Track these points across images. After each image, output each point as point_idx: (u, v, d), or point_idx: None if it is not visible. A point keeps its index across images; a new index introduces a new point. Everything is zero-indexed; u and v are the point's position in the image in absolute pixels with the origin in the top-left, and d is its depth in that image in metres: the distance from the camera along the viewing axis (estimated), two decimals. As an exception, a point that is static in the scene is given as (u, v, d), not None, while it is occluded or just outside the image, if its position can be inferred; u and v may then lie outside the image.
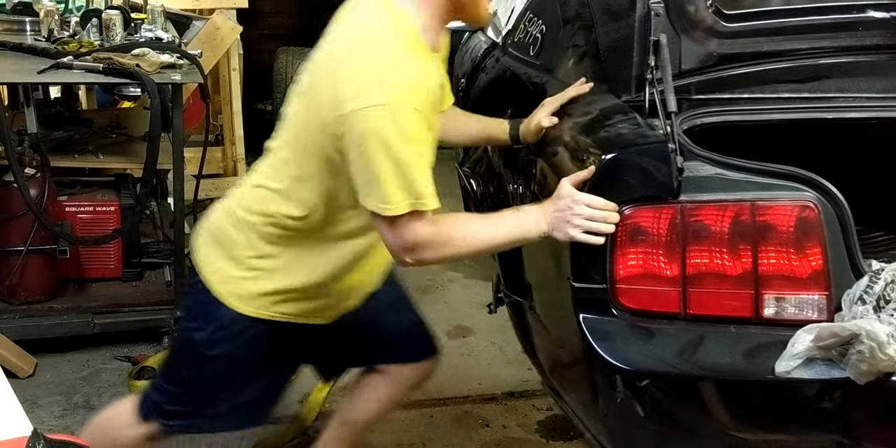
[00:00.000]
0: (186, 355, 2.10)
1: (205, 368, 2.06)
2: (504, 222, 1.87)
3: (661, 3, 1.94)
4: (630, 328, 1.81)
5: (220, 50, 4.56)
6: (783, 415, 1.82)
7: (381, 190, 1.72)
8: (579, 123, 2.05)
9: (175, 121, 3.22)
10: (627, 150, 1.82)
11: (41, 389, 3.14)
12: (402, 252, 1.81)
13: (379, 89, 1.70)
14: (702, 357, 1.79)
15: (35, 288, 3.35)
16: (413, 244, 1.79)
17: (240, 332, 2.01)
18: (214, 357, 2.03)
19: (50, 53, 3.24)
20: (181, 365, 2.13)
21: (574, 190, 1.80)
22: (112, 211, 3.48)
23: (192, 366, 2.08)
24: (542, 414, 3.10)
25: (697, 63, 2.08)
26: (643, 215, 1.78)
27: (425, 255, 1.82)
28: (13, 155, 3.05)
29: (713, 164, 1.80)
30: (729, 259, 1.77)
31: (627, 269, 1.80)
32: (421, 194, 1.74)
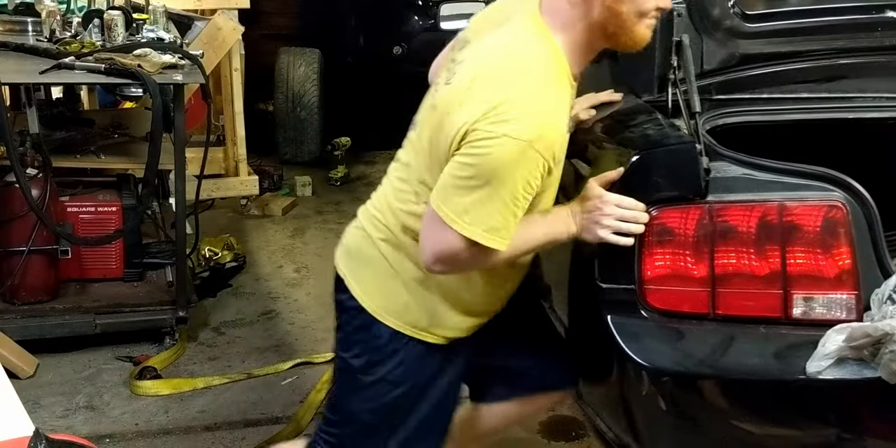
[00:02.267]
0: (347, 386, 1.99)
1: (367, 396, 1.95)
2: (534, 227, 1.79)
3: (682, 3, 1.93)
4: (659, 329, 1.81)
5: (222, 50, 4.55)
6: (814, 414, 1.81)
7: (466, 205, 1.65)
8: (603, 124, 2.03)
9: (177, 121, 3.21)
10: (655, 151, 1.81)
11: (43, 390, 3.12)
12: (434, 262, 1.75)
13: (527, 123, 1.60)
14: (733, 358, 1.79)
15: (37, 288, 3.33)
16: (451, 261, 1.73)
17: (397, 350, 1.91)
18: (375, 382, 1.93)
19: (52, 54, 3.22)
20: (345, 396, 2.00)
21: (603, 191, 1.78)
22: (114, 211, 3.46)
23: (355, 396, 1.97)
24: (543, 414, 3.09)
25: (719, 63, 2.08)
26: (671, 216, 1.78)
27: (454, 270, 1.78)
28: (15, 155, 3.02)
29: (740, 164, 1.79)
30: (757, 259, 1.77)
31: (655, 270, 1.79)
32: (495, 230, 1.67)
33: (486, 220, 1.66)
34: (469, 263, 1.76)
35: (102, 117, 4.10)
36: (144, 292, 3.50)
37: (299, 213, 5.03)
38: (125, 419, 3.00)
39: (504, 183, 1.63)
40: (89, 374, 3.26)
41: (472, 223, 1.66)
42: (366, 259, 1.93)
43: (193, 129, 4.63)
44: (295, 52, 5.71)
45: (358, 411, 1.98)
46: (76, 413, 3.02)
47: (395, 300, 1.90)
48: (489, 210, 1.65)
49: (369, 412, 1.97)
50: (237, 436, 2.90)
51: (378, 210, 1.91)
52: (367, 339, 1.92)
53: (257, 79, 5.53)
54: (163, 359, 3.31)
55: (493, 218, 1.66)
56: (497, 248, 1.69)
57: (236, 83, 4.79)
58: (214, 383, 3.20)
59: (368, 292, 1.92)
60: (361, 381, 1.94)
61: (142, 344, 3.43)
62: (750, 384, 1.79)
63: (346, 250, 1.98)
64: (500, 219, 1.66)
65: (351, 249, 1.97)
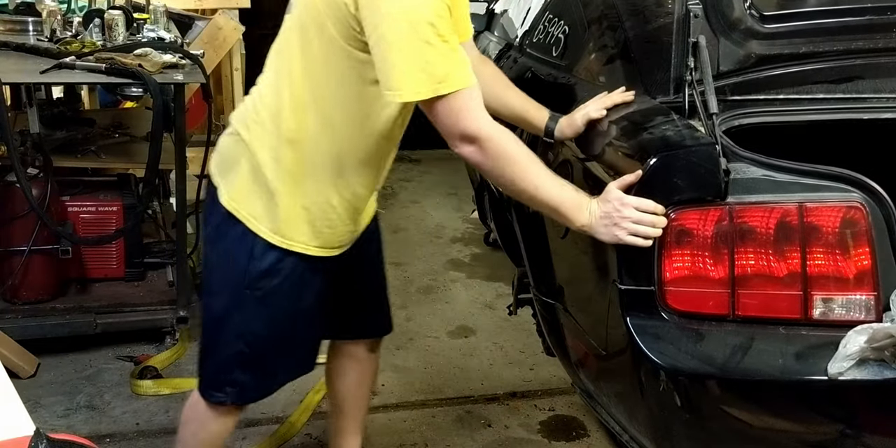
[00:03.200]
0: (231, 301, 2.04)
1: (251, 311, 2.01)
2: (563, 186, 1.82)
3: (699, 4, 1.92)
4: (679, 330, 1.80)
5: (223, 50, 4.55)
6: (835, 415, 1.80)
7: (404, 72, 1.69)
8: (619, 125, 2.02)
9: (177, 121, 3.20)
10: (675, 153, 1.80)
11: (43, 389, 3.11)
12: (458, 140, 1.76)
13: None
14: (754, 359, 1.78)
15: (37, 288, 3.32)
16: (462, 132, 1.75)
17: (276, 262, 1.97)
18: (260, 297, 1.99)
19: (52, 53, 3.21)
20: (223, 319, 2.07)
21: (622, 193, 1.77)
22: (114, 211, 3.45)
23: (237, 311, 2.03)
24: (544, 414, 3.10)
25: (735, 64, 2.07)
26: (691, 217, 1.77)
27: (479, 149, 1.77)
28: (16, 155, 3.01)
29: (758, 165, 1.79)
30: (777, 260, 1.77)
31: (675, 272, 1.79)
32: (458, 71, 1.71)
33: (435, 71, 1.69)
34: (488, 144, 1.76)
35: (103, 117, 4.09)
36: (145, 292, 3.49)
37: (300, 213, 5.01)
38: (126, 419, 2.99)
39: (425, 28, 1.66)
40: (90, 374, 3.25)
41: (439, 80, 1.69)
42: (234, 162, 1.97)
43: (194, 128, 4.63)
44: (296, 51, 5.71)
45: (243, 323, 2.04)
46: (77, 412, 3.02)
47: (259, 204, 1.94)
48: (430, 60, 1.68)
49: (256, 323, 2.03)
50: (237, 436, 2.90)
51: (247, 115, 1.97)
52: (239, 245, 1.97)
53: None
54: (163, 358, 3.30)
55: (443, 64, 1.69)
56: (462, 86, 1.71)
57: (237, 83, 4.79)
58: (215, 383, 3.20)
59: (236, 197, 1.96)
60: (249, 295, 2.00)
61: (142, 343, 3.42)
62: (771, 385, 1.78)
63: (220, 158, 2.03)
64: (445, 60, 1.70)
65: (225, 158, 2.01)
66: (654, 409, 1.86)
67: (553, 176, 1.82)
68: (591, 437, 2.95)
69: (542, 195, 1.80)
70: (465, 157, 1.79)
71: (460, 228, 4.86)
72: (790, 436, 1.84)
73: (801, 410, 1.81)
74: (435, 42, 1.68)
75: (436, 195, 5.25)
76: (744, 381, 1.78)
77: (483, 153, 1.77)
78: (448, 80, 1.70)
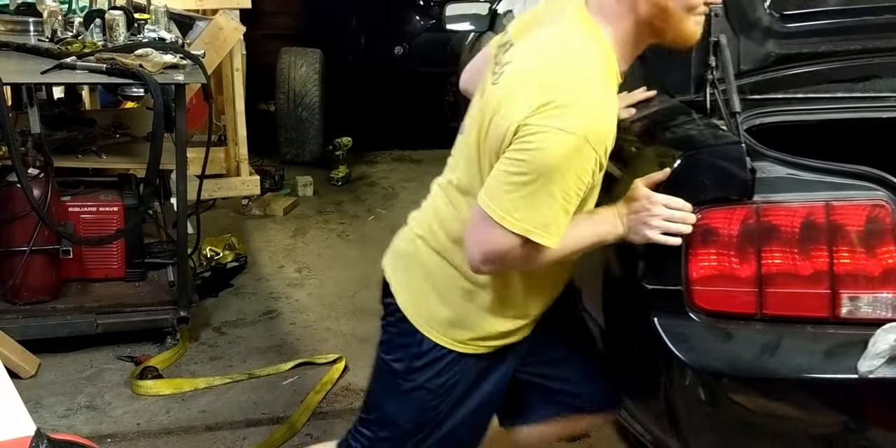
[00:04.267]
0: (386, 388, 1.98)
1: (406, 401, 1.94)
2: (581, 227, 1.75)
3: (720, 3, 1.93)
4: (707, 330, 1.80)
5: (224, 50, 4.55)
6: (866, 414, 1.80)
7: (516, 201, 1.62)
8: (641, 124, 2.01)
9: (178, 121, 3.20)
10: (702, 151, 1.80)
11: (44, 389, 3.11)
12: (483, 261, 1.72)
13: (580, 117, 1.59)
14: (783, 358, 1.78)
15: (38, 288, 3.31)
16: (500, 260, 1.71)
17: (438, 359, 1.90)
18: (415, 388, 1.92)
19: (53, 54, 3.21)
20: (381, 398, 2.00)
21: (650, 191, 1.76)
22: (115, 211, 3.45)
23: (393, 399, 1.96)
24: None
25: (755, 63, 2.07)
26: (718, 216, 1.77)
27: (502, 269, 1.76)
28: (17, 155, 3.01)
29: (783, 164, 1.79)
30: (804, 259, 1.77)
31: (702, 271, 1.79)
32: (546, 226, 1.64)
33: (537, 216, 1.63)
34: (518, 262, 1.72)
35: (104, 117, 4.09)
36: (146, 292, 3.49)
37: (301, 213, 5.02)
38: (127, 419, 2.99)
39: (555, 178, 1.60)
40: (91, 374, 3.25)
41: (522, 219, 1.63)
42: (412, 267, 1.91)
43: (195, 129, 4.63)
44: (296, 52, 5.71)
45: (394, 414, 1.96)
46: (77, 413, 3.01)
47: (436, 312, 1.88)
48: (540, 206, 1.62)
49: (405, 416, 1.95)
50: (238, 436, 2.90)
51: (425, 219, 1.90)
52: (409, 345, 1.90)
53: (259, 79, 5.53)
54: (164, 359, 3.30)
55: (544, 214, 1.63)
56: (547, 245, 1.66)
57: (237, 83, 4.78)
58: (216, 383, 3.19)
59: (412, 302, 1.90)
60: (401, 386, 1.92)
61: (143, 344, 3.42)
62: (801, 384, 1.78)
63: (395, 256, 1.96)
64: (551, 214, 1.64)
65: (400, 255, 1.95)
66: (682, 408, 1.85)
67: (576, 225, 1.73)
68: (592, 437, 2.94)
69: (585, 246, 1.78)
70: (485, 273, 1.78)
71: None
72: (820, 434, 1.83)
73: (831, 409, 1.81)
74: (559, 199, 1.63)
75: (436, 195, 5.24)
76: (773, 379, 1.78)
77: (507, 267, 1.77)
78: (544, 232, 1.65)
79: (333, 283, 4.08)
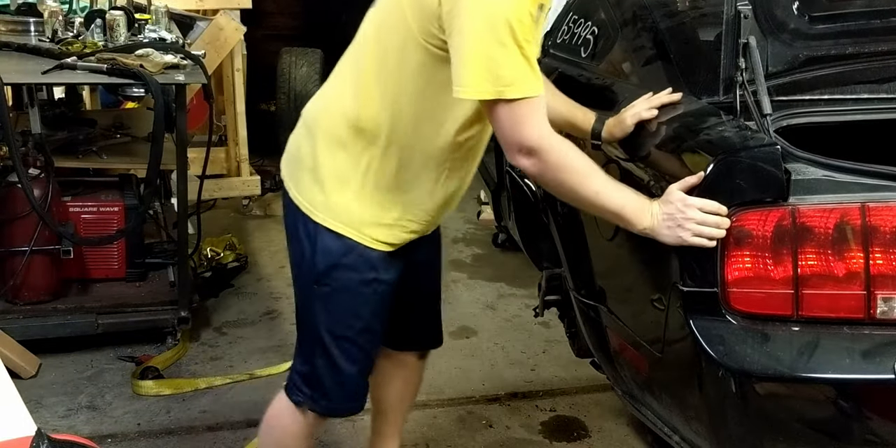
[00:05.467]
0: (309, 301, 2.05)
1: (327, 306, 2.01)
2: (624, 191, 1.81)
3: (748, 5, 1.92)
4: (744, 332, 1.80)
5: (224, 50, 4.55)
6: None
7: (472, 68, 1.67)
8: (670, 126, 2.01)
9: (178, 121, 3.21)
10: (738, 154, 1.80)
11: (45, 389, 3.12)
12: (516, 151, 1.75)
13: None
14: (821, 359, 1.79)
15: (39, 288, 3.32)
16: (521, 143, 1.73)
17: (351, 255, 1.96)
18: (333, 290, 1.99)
19: (54, 54, 3.21)
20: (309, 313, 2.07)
21: (684, 195, 1.77)
22: (116, 211, 3.45)
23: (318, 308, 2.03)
24: (545, 414, 3.09)
25: (783, 65, 2.09)
26: (753, 218, 1.77)
27: (538, 161, 1.75)
28: (17, 155, 3.02)
29: (817, 165, 1.80)
30: (840, 260, 1.77)
31: (738, 273, 1.79)
32: (514, 79, 1.68)
33: (502, 75, 1.66)
34: (547, 156, 1.74)
35: (104, 117, 4.09)
36: (146, 292, 3.49)
37: (301, 214, 5.02)
38: (127, 419, 2.99)
39: (502, 28, 1.64)
40: (91, 374, 3.25)
41: (506, 84, 1.67)
42: (304, 161, 1.98)
43: (195, 129, 4.63)
44: (297, 52, 5.71)
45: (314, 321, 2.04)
46: (78, 413, 3.02)
47: (336, 201, 1.94)
48: (503, 63, 1.65)
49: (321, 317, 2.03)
50: (239, 436, 2.90)
51: (315, 112, 1.99)
52: (313, 243, 1.97)
53: (259, 79, 5.53)
54: (165, 359, 3.31)
55: (512, 68, 1.67)
56: (531, 93, 1.69)
57: (238, 83, 4.79)
58: (216, 383, 3.20)
59: (307, 195, 1.97)
60: (316, 291, 2.00)
61: (144, 344, 3.42)
62: (840, 385, 1.78)
63: (288, 155, 2.06)
64: (516, 65, 1.67)
65: (291, 152, 2.04)
66: (718, 411, 1.85)
67: (613, 182, 1.82)
68: (592, 437, 2.95)
69: (603, 201, 1.80)
70: (523, 168, 1.79)
71: (462, 229, 4.86)
72: (859, 436, 1.83)
73: (870, 410, 1.81)
74: (509, 44, 1.65)
75: (437, 195, 5.24)
76: (812, 380, 1.78)
77: (542, 165, 1.76)
78: (515, 85, 1.68)
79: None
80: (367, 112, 1.88)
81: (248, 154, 4.91)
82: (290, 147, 2.07)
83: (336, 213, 1.95)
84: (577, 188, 1.79)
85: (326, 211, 1.95)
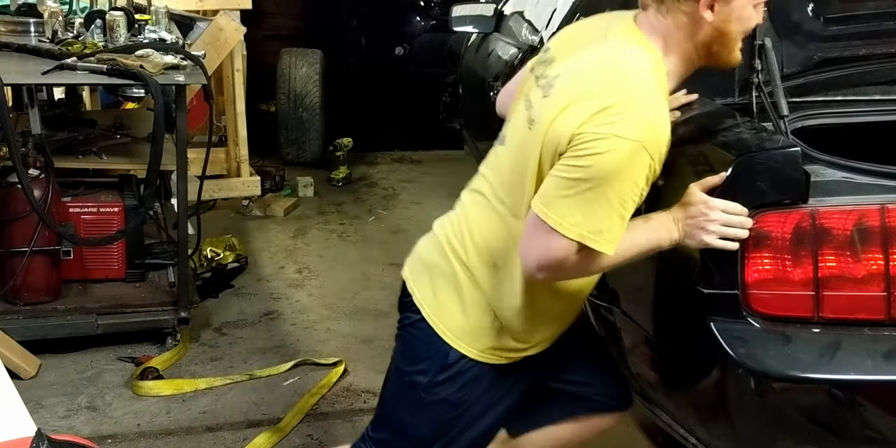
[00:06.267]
0: (405, 401, 1.97)
1: (426, 414, 1.94)
2: (636, 233, 1.74)
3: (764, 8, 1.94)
4: (765, 333, 1.80)
5: (224, 51, 4.56)
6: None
7: (572, 207, 1.63)
8: (687, 127, 2.01)
9: (178, 122, 3.21)
10: (759, 155, 1.79)
11: (45, 390, 3.12)
12: (539, 270, 1.72)
13: (637, 124, 1.60)
14: (843, 360, 1.78)
15: (39, 289, 3.32)
16: (555, 267, 1.70)
17: (463, 371, 1.89)
18: (437, 401, 1.91)
19: (54, 54, 3.22)
20: (399, 410, 1.99)
21: (706, 196, 1.75)
22: (116, 212, 3.45)
23: (413, 412, 1.95)
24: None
25: (798, 66, 2.09)
26: (774, 220, 1.77)
27: (558, 277, 1.76)
28: (17, 156, 3.01)
29: (836, 167, 1.80)
30: (860, 262, 1.77)
31: (759, 275, 1.79)
32: (601, 232, 1.64)
33: (592, 222, 1.63)
34: (574, 269, 1.72)
35: (104, 118, 4.10)
36: (146, 293, 3.49)
37: (301, 214, 5.02)
38: (127, 420, 2.99)
39: (612, 183, 1.61)
40: (91, 375, 3.25)
41: (578, 224, 1.63)
42: (439, 278, 1.90)
43: (195, 129, 4.64)
44: (297, 52, 5.72)
45: (412, 426, 1.96)
46: (78, 413, 3.02)
47: (461, 323, 1.88)
48: (595, 211, 1.62)
49: (424, 428, 1.95)
50: (239, 437, 2.90)
51: (456, 230, 1.90)
52: (432, 357, 1.90)
53: (259, 79, 5.54)
54: (165, 359, 3.31)
55: (600, 219, 1.63)
56: (604, 251, 1.66)
57: (238, 84, 4.79)
58: (216, 384, 3.20)
59: (437, 312, 1.90)
60: (423, 399, 1.92)
61: (144, 344, 3.42)
62: (863, 386, 1.78)
63: (421, 265, 1.96)
64: (607, 220, 1.64)
65: (426, 265, 1.94)
66: (739, 413, 1.85)
67: (632, 231, 1.73)
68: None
69: (642, 253, 1.78)
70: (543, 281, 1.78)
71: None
72: (881, 437, 1.83)
73: (894, 411, 1.81)
74: (615, 204, 1.63)
75: (437, 196, 5.24)
76: (834, 382, 1.78)
77: (565, 275, 1.78)
78: (599, 238, 1.64)
79: (334, 284, 4.09)
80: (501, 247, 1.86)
81: (248, 154, 4.91)
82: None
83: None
84: (616, 264, 1.76)
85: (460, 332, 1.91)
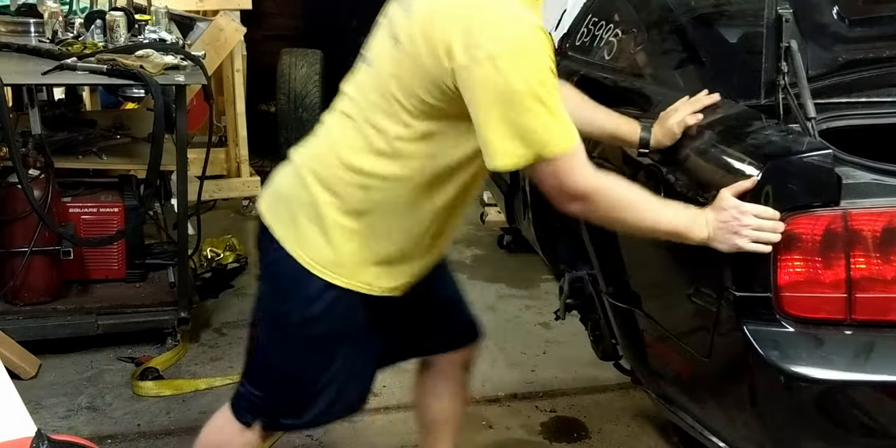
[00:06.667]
0: (278, 340, 1.97)
1: (307, 353, 1.93)
2: (674, 208, 1.79)
3: (789, 9, 1.92)
4: (798, 336, 1.80)
5: (224, 51, 4.56)
6: None
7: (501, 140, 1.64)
8: (713, 130, 2.00)
9: (178, 122, 3.21)
10: (790, 158, 1.79)
11: (45, 390, 3.12)
12: (567, 202, 1.74)
13: (507, 35, 1.61)
14: (878, 362, 1.79)
15: (39, 289, 3.32)
16: (563, 188, 1.71)
17: (333, 304, 1.88)
18: (315, 337, 1.91)
19: (54, 55, 3.22)
20: (273, 354, 1.98)
21: (738, 201, 1.76)
22: (116, 212, 3.45)
23: (292, 354, 1.95)
24: (545, 415, 3.09)
25: (823, 68, 2.09)
26: (806, 223, 1.77)
27: (590, 205, 1.74)
28: (17, 156, 3.01)
29: (865, 169, 1.80)
30: (892, 264, 1.78)
31: (791, 277, 1.79)
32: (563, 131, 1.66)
33: (534, 138, 1.64)
34: (577, 182, 1.72)
35: (104, 118, 4.10)
36: (146, 293, 3.49)
37: (301, 214, 5.02)
38: (127, 420, 2.99)
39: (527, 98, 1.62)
40: (91, 375, 3.25)
41: (546, 142, 1.65)
42: (299, 208, 1.88)
43: (195, 130, 4.64)
44: (297, 52, 5.72)
45: (294, 370, 1.96)
46: (78, 414, 3.02)
47: (325, 252, 1.86)
48: (522, 126, 1.64)
49: (307, 369, 1.95)
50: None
51: (319, 157, 1.89)
52: (299, 289, 1.89)
53: (259, 80, 5.54)
54: (165, 359, 3.31)
55: (544, 131, 1.65)
56: (563, 150, 1.67)
57: (238, 84, 4.80)
58: (216, 384, 3.20)
59: (301, 244, 1.88)
60: (300, 335, 1.92)
61: (144, 345, 3.42)
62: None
63: (277, 197, 1.94)
64: (546, 126, 1.65)
65: (283, 196, 1.93)
66: (773, 415, 1.84)
67: (663, 204, 1.81)
68: (592, 438, 2.95)
69: (658, 226, 1.79)
70: (574, 214, 1.79)
71: (462, 230, 4.86)
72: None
73: None
74: (534, 108, 1.64)
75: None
76: (869, 384, 1.79)
77: (592, 208, 1.75)
78: (550, 143, 1.66)
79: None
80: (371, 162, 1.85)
81: (248, 155, 4.92)
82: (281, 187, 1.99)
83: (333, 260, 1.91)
84: (631, 221, 1.78)
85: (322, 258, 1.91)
